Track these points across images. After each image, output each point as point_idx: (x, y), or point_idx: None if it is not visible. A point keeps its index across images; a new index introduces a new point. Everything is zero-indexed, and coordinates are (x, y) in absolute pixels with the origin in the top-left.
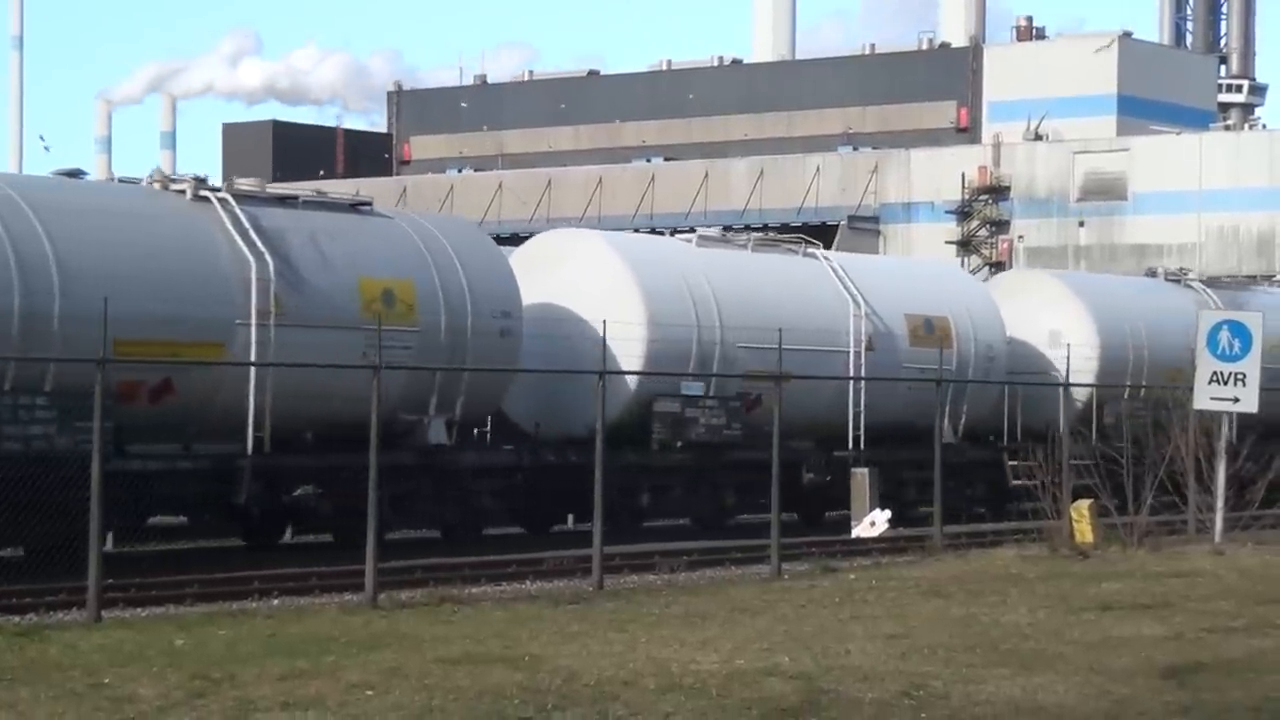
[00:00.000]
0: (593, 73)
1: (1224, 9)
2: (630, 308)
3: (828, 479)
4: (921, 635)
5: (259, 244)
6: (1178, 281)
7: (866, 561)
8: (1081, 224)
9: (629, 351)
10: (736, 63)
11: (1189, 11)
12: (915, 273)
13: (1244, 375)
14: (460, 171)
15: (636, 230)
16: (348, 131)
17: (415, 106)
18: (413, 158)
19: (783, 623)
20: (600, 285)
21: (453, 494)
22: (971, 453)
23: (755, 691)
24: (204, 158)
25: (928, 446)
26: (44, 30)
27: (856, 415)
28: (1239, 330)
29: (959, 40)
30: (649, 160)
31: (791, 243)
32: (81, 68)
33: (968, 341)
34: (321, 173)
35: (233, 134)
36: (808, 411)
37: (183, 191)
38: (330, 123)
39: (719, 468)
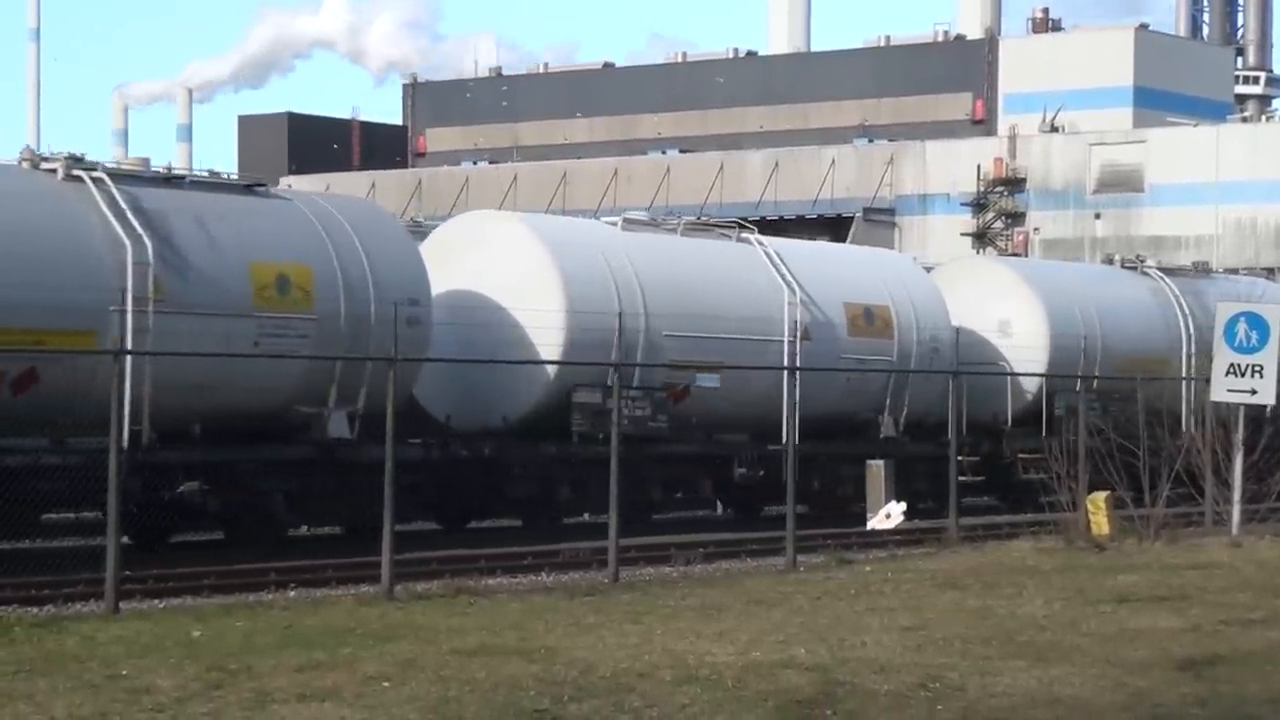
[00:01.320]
0: (608, 65)
1: (1240, 1)
2: (549, 294)
3: (761, 473)
4: (937, 627)
5: (137, 226)
6: (1134, 269)
7: (882, 554)
8: (1098, 216)
9: (547, 340)
10: (752, 55)
11: (1205, 3)
12: (856, 260)
13: (1261, 367)
14: (475, 164)
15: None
16: (363, 124)
17: (430, 99)
18: (428, 150)
19: (798, 615)
20: (517, 270)
21: (355, 490)
22: (913, 447)
23: (771, 683)
24: (221, 151)
25: (866, 440)
26: (61, 22)
27: (791, 407)
28: (1256, 322)
29: (974, 32)
30: (664, 152)
31: (725, 227)
32: (99, 60)
33: (910, 330)
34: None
35: (248, 126)
36: (740, 403)
37: (54, 170)
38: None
39: (644, 461)
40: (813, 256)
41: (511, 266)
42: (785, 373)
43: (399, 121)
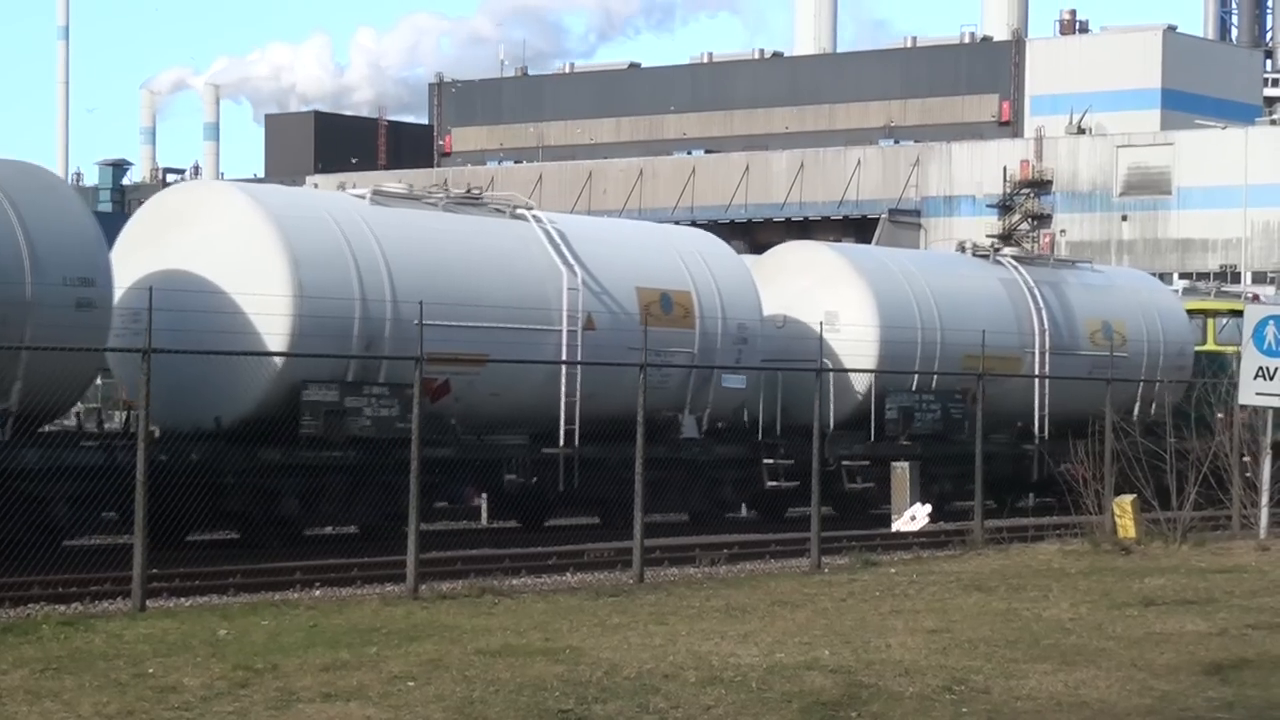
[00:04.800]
0: (634, 65)
1: (1269, 3)
2: (273, 275)
3: (533, 480)
4: (962, 630)
5: None
6: (986, 258)
7: (907, 555)
8: (1125, 218)
9: (272, 329)
10: (778, 55)
11: (1234, 5)
12: (653, 240)
13: None
14: (501, 163)
15: (677, 224)
16: (390, 123)
17: (457, 98)
18: (454, 149)
19: (823, 616)
20: (238, 248)
21: (12, 500)
22: (720, 449)
23: (796, 685)
24: (248, 150)
25: (662, 442)
26: (91, 20)
27: (571, 406)
28: None
29: (1001, 34)
30: (690, 153)
31: (499, 203)
32: (129, 59)
33: (714, 320)
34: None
35: (275, 125)
36: (512, 402)
37: None
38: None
39: (393, 467)
40: (602, 236)
41: (231, 244)
42: (563, 368)
43: (425, 121)
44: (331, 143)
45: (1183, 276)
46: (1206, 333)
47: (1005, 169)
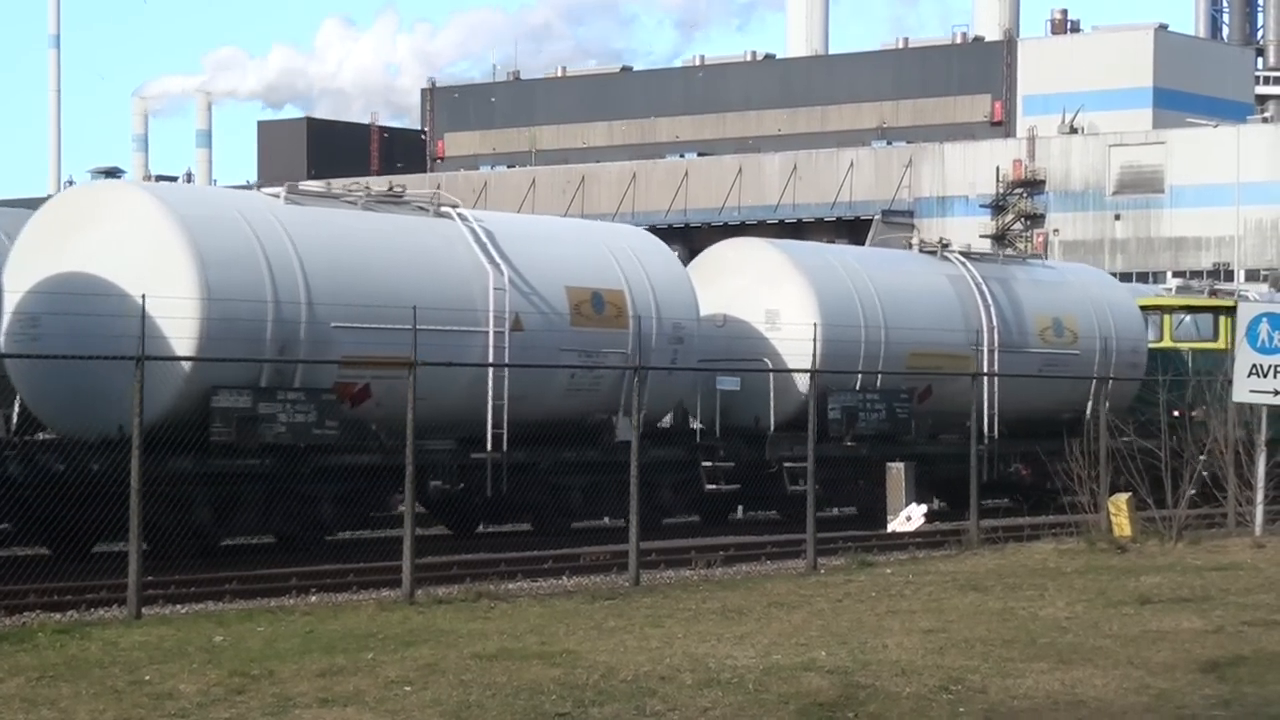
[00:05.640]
0: (626, 68)
1: (1260, 1)
2: (179, 277)
3: (460, 486)
4: (959, 629)
5: None
6: (934, 254)
7: (903, 556)
8: (1118, 217)
9: (179, 333)
10: (770, 58)
11: (1225, 3)
12: (587, 239)
13: None
14: (494, 168)
15: (670, 227)
16: (382, 128)
17: (449, 103)
18: (447, 154)
19: (819, 617)
20: (142, 249)
21: None
22: (656, 452)
23: (792, 686)
24: (240, 156)
25: (595, 445)
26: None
27: (498, 409)
28: (1279, 323)
29: (992, 34)
30: (683, 156)
31: (423, 200)
32: (121, 66)
33: (649, 320)
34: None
35: (267, 132)
36: (438, 406)
37: None
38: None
39: (310, 475)
40: (531, 234)
41: (135, 245)
42: (490, 371)
43: (418, 126)
44: (324, 149)
45: (1176, 275)
46: (1163, 330)
47: (998, 169)
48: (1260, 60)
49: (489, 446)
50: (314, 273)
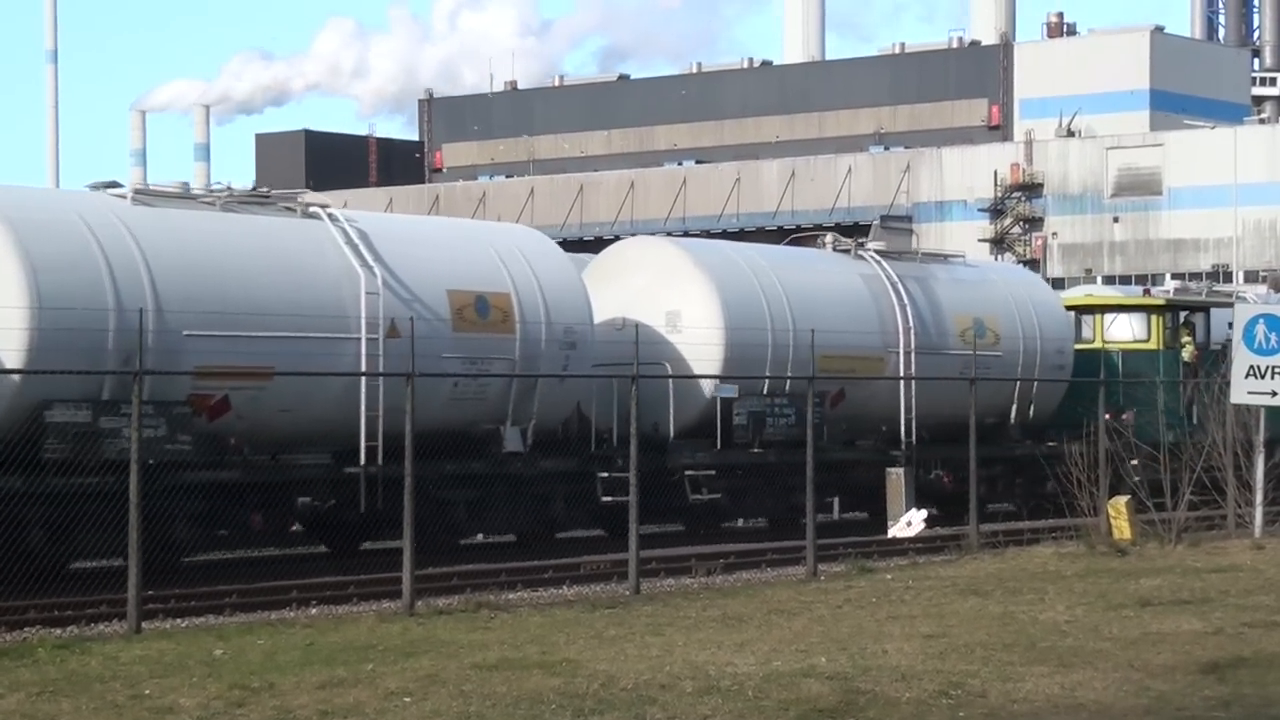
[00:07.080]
0: (623, 77)
1: (1256, 2)
2: (6, 283)
3: (331, 502)
4: (959, 634)
5: None
6: (848, 252)
7: (903, 561)
8: (1116, 220)
9: (5, 343)
10: (767, 64)
11: (1220, 5)
12: (469, 240)
13: None
14: (492, 178)
15: (669, 234)
16: (380, 139)
17: (446, 113)
18: (445, 165)
19: (819, 624)
20: None
21: None
22: (546, 463)
23: (793, 693)
24: (239, 169)
25: (478, 457)
26: (79, 43)
27: (372, 420)
28: (1276, 324)
29: (989, 38)
30: (680, 163)
31: (288, 201)
32: (118, 80)
33: (537, 325)
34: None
35: (265, 144)
36: (308, 418)
37: None
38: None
39: (161, 493)
40: (409, 235)
41: None
42: (363, 380)
43: (415, 137)
44: (322, 161)
45: (1175, 277)
46: (1095, 330)
47: (996, 173)
48: (1256, 61)
49: (363, 460)
50: (163, 278)
